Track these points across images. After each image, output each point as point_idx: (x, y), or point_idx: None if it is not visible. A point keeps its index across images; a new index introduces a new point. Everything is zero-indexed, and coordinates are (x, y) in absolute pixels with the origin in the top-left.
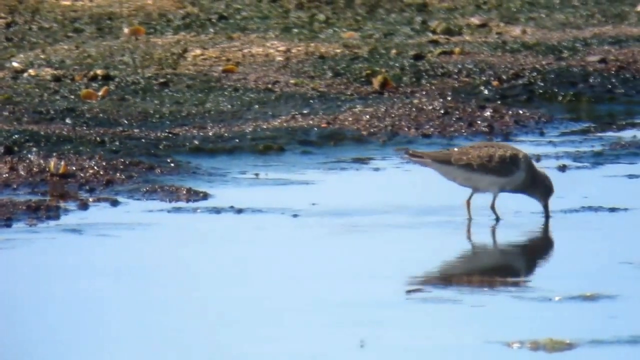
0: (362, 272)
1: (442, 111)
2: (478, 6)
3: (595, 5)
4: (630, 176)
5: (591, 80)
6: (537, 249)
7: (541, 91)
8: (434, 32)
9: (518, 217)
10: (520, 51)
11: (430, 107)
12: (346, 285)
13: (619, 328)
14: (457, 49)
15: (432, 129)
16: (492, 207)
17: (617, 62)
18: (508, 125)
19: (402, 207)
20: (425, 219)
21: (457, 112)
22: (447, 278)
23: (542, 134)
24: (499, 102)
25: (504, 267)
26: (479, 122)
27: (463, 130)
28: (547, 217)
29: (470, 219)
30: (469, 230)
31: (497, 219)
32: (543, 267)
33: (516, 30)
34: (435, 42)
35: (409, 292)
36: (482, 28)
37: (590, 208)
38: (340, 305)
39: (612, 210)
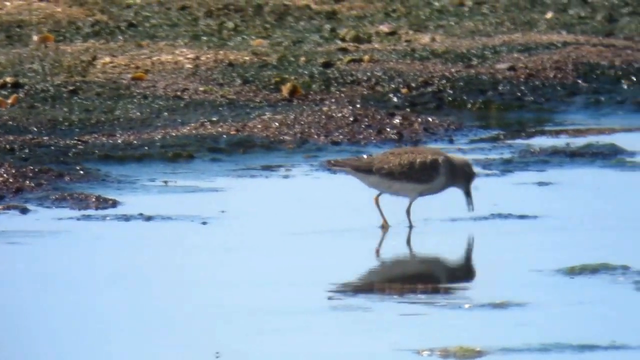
0: (272, 279)
1: (351, 119)
2: (387, 14)
3: (505, 13)
4: (540, 184)
5: (500, 88)
6: (448, 256)
7: (450, 99)
8: (343, 39)
9: (429, 224)
10: (429, 59)
11: (340, 115)
12: (253, 292)
13: (529, 336)
14: (366, 57)
15: (341, 137)
16: (407, 212)
17: (527, 69)
18: (417, 132)
19: (313, 214)
20: (337, 225)
21: (366, 120)
22: (359, 286)
23: (451, 142)
24: (408, 110)
25: (416, 275)
26: (388, 129)
27: (372, 138)
28: (470, 204)
29: (386, 225)
30: (382, 238)
31: (411, 226)
32: (453, 274)
33: (425, 38)
34: (344, 50)
35: (328, 298)
36: (392, 36)
37: (499, 215)
38: (251, 312)
39: (521, 217)
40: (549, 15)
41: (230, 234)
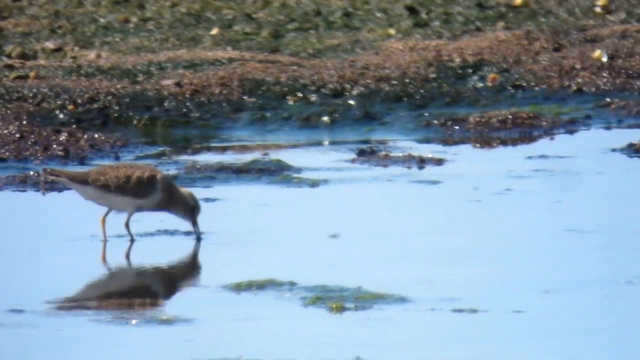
0: None
1: (17, 135)
2: (53, 30)
3: (170, 29)
4: (207, 199)
5: (166, 104)
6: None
7: (116, 115)
8: (9, 56)
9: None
10: (95, 75)
11: (6, 131)
12: None
13: (195, 352)
14: (32, 73)
15: (7, 153)
16: (127, 226)
17: (192, 85)
18: (84, 149)
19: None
20: (56, 238)
21: (32, 136)
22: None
23: (117, 158)
24: (74, 126)
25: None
26: (55, 145)
27: (39, 154)
28: (197, 235)
29: (105, 240)
30: (104, 251)
31: (132, 239)
32: (117, 289)
33: (91, 55)
34: (10, 67)
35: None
36: (58, 52)
37: (165, 232)
38: None
39: (188, 233)
40: (215, 31)
41: None
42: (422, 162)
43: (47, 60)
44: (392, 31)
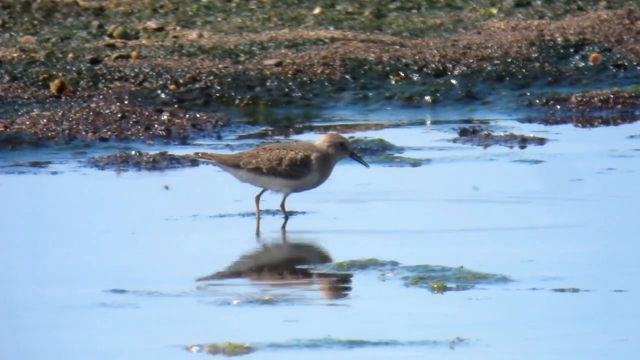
0: (43, 277)
1: (119, 115)
2: (155, 10)
3: (272, 9)
4: None
5: (268, 84)
6: (214, 251)
7: (218, 95)
8: (110, 35)
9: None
10: (197, 55)
11: (108, 111)
12: (23, 290)
13: (298, 332)
14: (134, 53)
15: (109, 133)
16: (282, 206)
17: (294, 65)
18: (185, 128)
19: (90, 211)
20: (157, 217)
21: (134, 116)
22: (127, 283)
23: (219, 138)
24: (176, 106)
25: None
26: (156, 125)
27: (140, 134)
28: (363, 164)
29: (259, 217)
30: (258, 227)
31: (286, 217)
32: (221, 270)
33: (193, 34)
34: (112, 46)
35: (116, 289)
36: (159, 32)
37: (267, 212)
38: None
39: (290, 213)
40: (317, 10)
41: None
42: (524, 141)
43: (149, 39)
44: (494, 10)
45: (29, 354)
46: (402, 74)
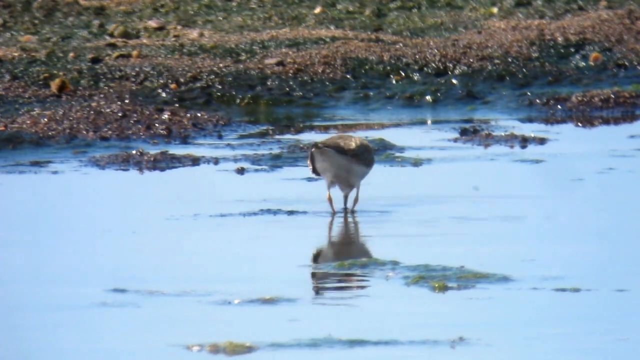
0: (44, 276)
1: (120, 114)
2: (155, 9)
3: (273, 8)
4: (309, 179)
5: (269, 83)
6: (214, 251)
7: (219, 94)
8: (111, 35)
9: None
10: (198, 54)
11: (109, 110)
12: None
13: (298, 331)
14: (134, 52)
15: (110, 132)
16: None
17: (295, 64)
18: (186, 128)
19: (91, 210)
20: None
21: (135, 115)
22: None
23: (220, 137)
24: (177, 105)
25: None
26: (157, 124)
27: (141, 133)
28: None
29: (334, 212)
30: (331, 225)
31: (334, 212)
32: (222, 270)
33: (194, 33)
34: (113, 46)
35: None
36: (160, 31)
37: (269, 211)
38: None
39: (290, 213)
40: (318, 10)
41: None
42: (524, 141)
43: (150, 39)
44: (494, 10)
45: (29, 354)
46: (403, 73)
